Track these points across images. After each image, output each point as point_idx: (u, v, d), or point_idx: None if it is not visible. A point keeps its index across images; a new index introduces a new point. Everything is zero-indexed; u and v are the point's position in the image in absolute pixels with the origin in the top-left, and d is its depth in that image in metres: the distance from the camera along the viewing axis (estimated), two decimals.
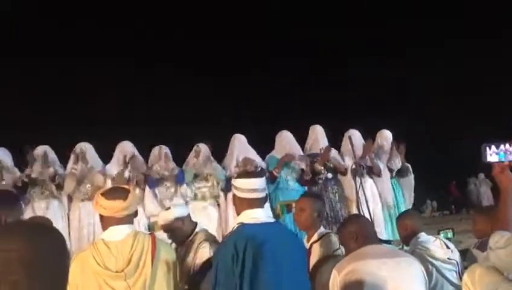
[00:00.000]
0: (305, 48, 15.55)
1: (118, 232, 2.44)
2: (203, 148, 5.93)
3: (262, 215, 2.47)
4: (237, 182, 2.50)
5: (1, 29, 11.21)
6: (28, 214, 5.28)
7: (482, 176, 16.02)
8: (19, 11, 12.18)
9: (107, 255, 2.38)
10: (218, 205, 5.90)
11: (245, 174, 2.59)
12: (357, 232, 2.54)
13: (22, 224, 1.37)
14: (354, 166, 5.47)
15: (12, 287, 1.18)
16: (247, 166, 5.68)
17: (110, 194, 2.47)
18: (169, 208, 3.51)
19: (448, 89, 15.98)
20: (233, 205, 2.65)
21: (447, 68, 15.86)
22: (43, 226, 1.34)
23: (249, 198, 2.45)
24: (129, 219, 2.49)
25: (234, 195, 2.54)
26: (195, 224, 3.43)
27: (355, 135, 6.17)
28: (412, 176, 6.55)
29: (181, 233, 3.34)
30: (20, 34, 12.54)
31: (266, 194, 2.57)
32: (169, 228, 3.38)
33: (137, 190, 5.62)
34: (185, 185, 5.76)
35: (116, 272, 2.37)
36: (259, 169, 5.72)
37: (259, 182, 2.50)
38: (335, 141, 6.44)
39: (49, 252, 1.25)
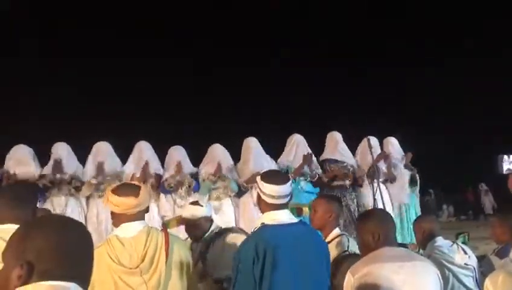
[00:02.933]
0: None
1: (131, 229, 2.43)
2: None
3: (284, 216, 2.48)
4: (264, 186, 2.47)
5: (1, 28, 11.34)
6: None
7: (483, 185, 15.75)
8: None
9: (122, 251, 2.38)
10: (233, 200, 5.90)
11: (274, 179, 2.49)
12: (379, 232, 2.39)
13: (53, 217, 1.45)
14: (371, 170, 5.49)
15: (44, 275, 1.23)
16: None
17: (121, 191, 2.44)
18: (196, 202, 3.51)
19: (469, 95, 15.77)
20: (256, 203, 2.66)
21: (468, 76, 15.66)
22: (71, 220, 1.40)
23: (274, 203, 2.46)
24: (141, 215, 2.48)
25: (259, 195, 2.52)
26: (212, 222, 3.49)
27: (374, 139, 6.19)
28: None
29: (201, 230, 3.39)
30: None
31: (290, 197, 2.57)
32: (193, 224, 3.40)
33: (151, 190, 5.65)
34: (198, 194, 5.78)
35: (131, 268, 2.36)
36: None
37: (286, 189, 2.48)
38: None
39: (78, 244, 1.31)
